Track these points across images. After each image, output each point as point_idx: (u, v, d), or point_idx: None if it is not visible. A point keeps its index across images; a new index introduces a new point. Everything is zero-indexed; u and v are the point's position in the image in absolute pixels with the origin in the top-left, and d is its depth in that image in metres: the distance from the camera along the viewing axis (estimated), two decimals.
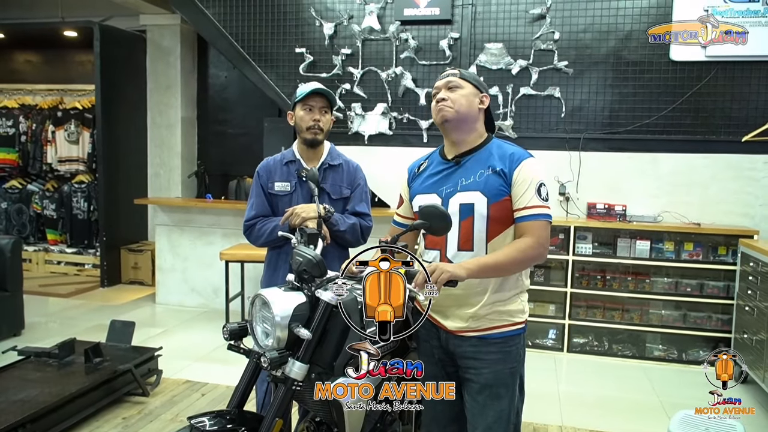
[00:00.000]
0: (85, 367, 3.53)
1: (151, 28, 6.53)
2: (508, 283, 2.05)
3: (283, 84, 5.41)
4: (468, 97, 2.07)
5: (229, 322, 2.11)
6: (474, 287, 2.02)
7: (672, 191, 4.73)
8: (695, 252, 4.56)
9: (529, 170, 2.00)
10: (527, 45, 4.89)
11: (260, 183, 2.70)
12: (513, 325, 2.07)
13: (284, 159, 2.71)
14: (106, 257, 6.53)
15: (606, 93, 4.83)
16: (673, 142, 4.73)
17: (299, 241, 2.30)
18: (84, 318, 5.40)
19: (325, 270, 2.03)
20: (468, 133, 2.09)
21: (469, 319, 2.05)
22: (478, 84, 2.12)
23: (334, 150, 2.79)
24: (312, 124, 2.60)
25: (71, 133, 7.12)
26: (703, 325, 4.56)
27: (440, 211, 1.89)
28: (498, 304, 2.05)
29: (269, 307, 1.94)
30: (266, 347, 1.99)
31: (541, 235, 1.97)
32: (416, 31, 5.08)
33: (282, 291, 2.02)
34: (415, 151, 5.06)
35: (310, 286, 2.02)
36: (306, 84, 2.69)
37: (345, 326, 2.04)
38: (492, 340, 2.05)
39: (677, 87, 4.68)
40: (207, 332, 5.11)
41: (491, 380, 2.06)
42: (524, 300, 2.12)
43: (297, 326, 1.92)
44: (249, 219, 2.70)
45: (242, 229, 2.74)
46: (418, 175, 2.23)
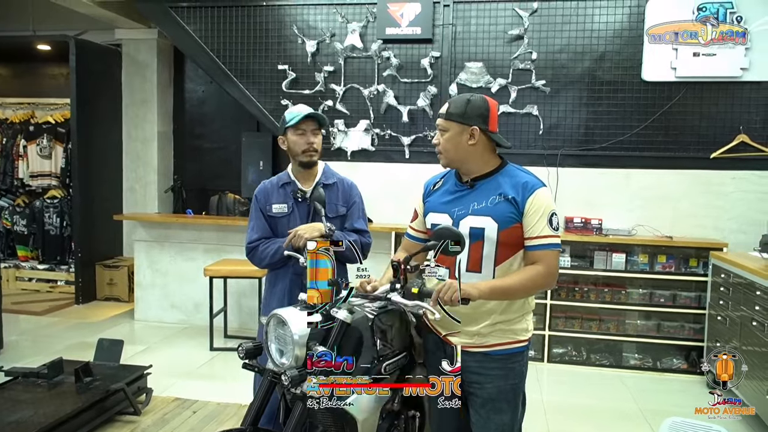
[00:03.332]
0: (76, 387, 3.50)
1: (127, 43, 6.51)
2: (515, 305, 2.13)
3: (266, 100, 5.45)
4: (452, 140, 2.11)
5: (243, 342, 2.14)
6: (481, 306, 2.10)
7: (645, 206, 4.93)
8: (668, 264, 4.76)
9: (542, 200, 2.06)
10: (506, 64, 5.05)
11: (259, 206, 2.77)
12: (516, 342, 2.15)
13: (280, 181, 2.79)
14: (81, 273, 6.42)
15: (581, 111, 5.01)
16: (645, 159, 4.93)
17: (306, 260, 2.36)
18: (62, 336, 5.32)
19: (339, 289, 2.09)
20: (471, 166, 2.14)
21: (475, 335, 2.14)
22: (462, 119, 2.09)
23: (329, 169, 2.86)
24: (306, 147, 2.67)
25: (43, 147, 7.00)
26: (677, 335, 4.75)
27: (455, 232, 1.96)
28: (503, 324, 2.13)
29: (287, 326, 2.00)
30: (281, 365, 2.04)
31: (551, 264, 2.06)
32: (398, 49, 5.19)
33: (298, 310, 2.08)
34: (397, 167, 5.19)
35: (324, 305, 2.08)
36: (294, 108, 2.74)
37: (357, 343, 2.11)
38: (495, 356, 2.13)
39: (649, 106, 4.89)
40: (190, 348, 5.08)
41: (494, 395, 2.13)
42: (529, 319, 2.21)
43: (315, 344, 1.97)
44: (251, 241, 2.75)
45: (245, 252, 2.79)
46: (433, 191, 2.29)
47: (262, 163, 6.21)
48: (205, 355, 4.90)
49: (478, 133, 2.09)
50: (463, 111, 2.09)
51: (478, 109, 2.10)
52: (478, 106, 2.10)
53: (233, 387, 4.20)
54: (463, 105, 2.10)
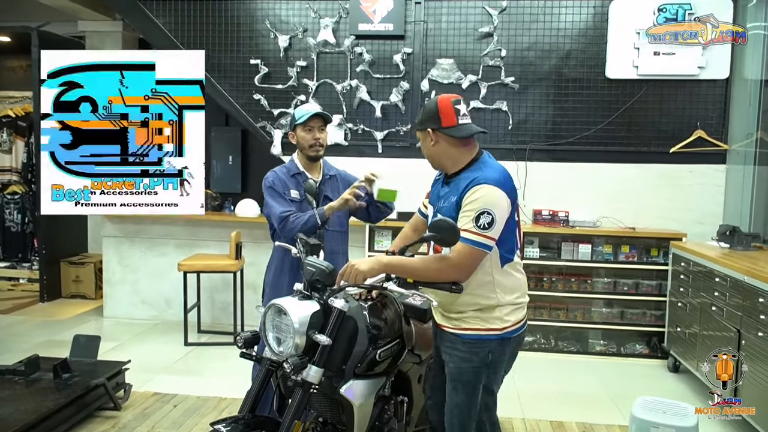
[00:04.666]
0: (55, 384, 3.47)
1: (91, 35, 6.38)
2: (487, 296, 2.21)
3: (238, 95, 5.44)
4: (423, 146, 2.31)
5: (242, 331, 2.19)
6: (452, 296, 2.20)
7: (609, 198, 5.12)
8: (631, 254, 4.97)
9: (477, 195, 2.10)
10: (476, 61, 5.16)
11: (277, 190, 2.95)
12: (485, 330, 2.22)
13: (290, 171, 3.02)
14: (46, 271, 6.31)
15: (549, 107, 5.17)
16: (609, 153, 5.12)
17: (300, 252, 2.42)
18: (30, 334, 5.22)
19: (336, 279, 2.16)
20: (446, 165, 2.28)
21: (452, 318, 2.28)
22: (419, 126, 2.28)
23: (327, 162, 3.14)
24: (313, 142, 2.96)
25: (3, 142, 6.85)
26: (639, 321, 4.97)
27: (450, 225, 2.06)
28: (475, 310, 2.23)
29: (287, 315, 2.06)
30: (280, 353, 2.10)
31: (461, 258, 2.09)
32: (370, 45, 5.26)
33: (297, 300, 2.14)
34: (370, 162, 5.25)
35: (322, 295, 2.15)
36: (303, 106, 3.00)
37: (353, 332, 2.19)
38: (464, 339, 2.24)
39: (612, 103, 5.08)
40: (164, 344, 5.06)
41: (455, 373, 2.27)
42: (506, 310, 2.24)
43: (314, 332, 2.04)
44: (283, 212, 2.86)
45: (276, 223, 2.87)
46: (437, 181, 2.44)
47: (231, 157, 6.18)
48: (180, 351, 4.89)
49: (432, 134, 2.22)
50: (420, 119, 2.28)
51: (428, 112, 2.23)
52: (429, 109, 2.24)
53: (211, 381, 4.23)
54: (420, 113, 2.30)
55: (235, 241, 5.03)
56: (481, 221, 2.06)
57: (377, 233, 5.22)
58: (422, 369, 2.66)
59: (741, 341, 3.45)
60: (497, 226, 2.09)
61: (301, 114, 2.94)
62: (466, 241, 2.07)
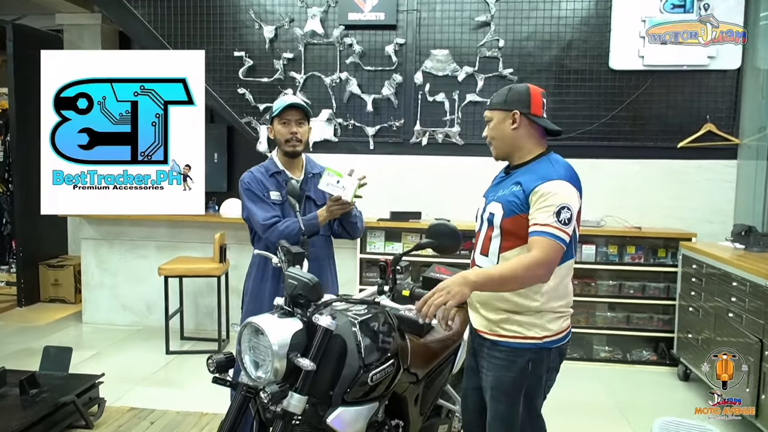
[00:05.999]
0: (22, 400, 3.20)
1: (69, 28, 6.12)
2: (526, 296, 2.05)
3: (221, 89, 5.17)
4: (496, 128, 2.13)
5: (215, 353, 1.92)
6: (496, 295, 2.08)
7: (613, 196, 4.87)
8: (637, 255, 4.72)
9: (549, 190, 1.97)
10: (472, 52, 4.90)
11: (256, 191, 2.70)
12: (524, 338, 2.07)
13: (269, 171, 2.77)
14: (24, 274, 6.02)
15: (549, 100, 4.87)
16: (612, 149, 4.87)
17: (282, 261, 2.15)
18: (4, 342, 4.94)
19: (321, 293, 1.90)
20: (516, 153, 2.14)
21: (488, 321, 2.14)
22: (503, 105, 2.12)
23: (311, 159, 2.90)
24: (290, 137, 2.70)
25: None
26: (646, 326, 4.72)
27: (449, 228, 1.83)
28: (515, 315, 2.07)
29: (264, 336, 1.79)
30: (258, 379, 1.84)
31: (547, 252, 1.93)
32: (361, 35, 4.99)
33: (276, 317, 1.87)
34: (361, 159, 4.99)
35: (305, 311, 1.89)
36: (281, 97, 2.79)
37: (342, 353, 1.93)
38: (502, 347, 2.11)
39: (616, 95, 4.83)
40: (145, 352, 4.78)
41: (494, 383, 2.14)
42: (547, 318, 2.09)
43: (296, 356, 1.78)
44: (265, 220, 2.63)
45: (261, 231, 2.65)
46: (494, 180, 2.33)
47: (216, 155, 5.92)
48: (160, 360, 4.62)
49: (518, 117, 2.09)
50: (504, 98, 2.13)
51: (518, 94, 2.12)
52: (519, 91, 2.13)
53: (193, 393, 3.95)
54: (504, 93, 2.14)
55: (219, 243, 4.76)
56: (563, 216, 1.95)
57: (369, 234, 4.95)
58: (419, 389, 2.40)
59: (764, 351, 3.20)
60: (573, 223, 1.99)
61: (278, 105, 2.71)
62: (550, 236, 1.93)
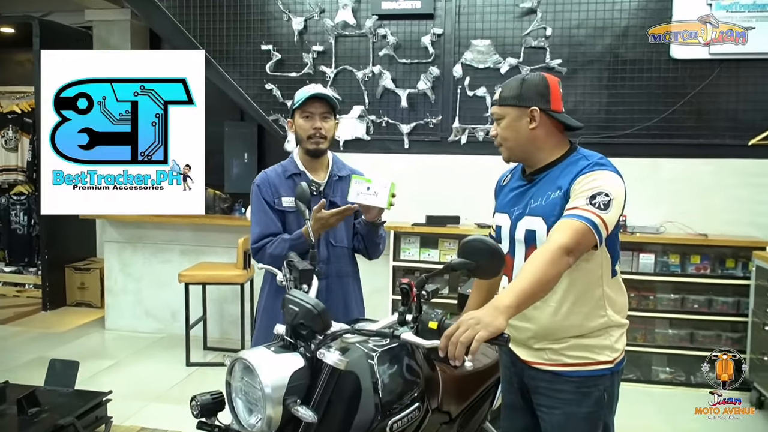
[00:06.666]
0: (19, 420, 2.92)
1: (98, 24, 5.93)
2: (594, 317, 1.77)
3: (248, 85, 4.88)
4: (510, 127, 1.81)
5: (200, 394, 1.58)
6: (549, 315, 1.77)
7: (674, 199, 4.39)
8: (702, 265, 4.23)
9: (591, 178, 1.68)
10: (516, 42, 4.49)
11: (263, 197, 2.34)
12: (595, 364, 1.77)
13: (287, 172, 2.40)
14: (49, 277, 5.86)
15: (602, 94, 4.47)
16: (674, 147, 4.39)
17: (288, 279, 1.80)
18: (23, 349, 4.76)
19: (328, 322, 1.54)
20: (535, 155, 1.82)
21: (545, 351, 1.82)
22: (519, 101, 1.78)
23: (338, 159, 2.51)
24: (312, 132, 2.32)
25: (9, 139, 6.44)
26: (712, 345, 4.21)
27: (489, 246, 1.46)
28: (579, 338, 1.77)
29: (255, 376, 1.45)
30: (251, 427, 1.49)
31: (570, 236, 1.59)
32: (395, 26, 4.63)
33: (272, 352, 1.52)
34: (395, 159, 4.63)
35: (308, 344, 1.53)
36: (304, 87, 2.36)
37: (354, 393, 1.57)
38: (568, 377, 1.79)
39: (678, 87, 4.35)
40: (165, 363, 4.52)
41: (563, 422, 1.81)
42: (615, 335, 1.82)
43: (294, 402, 1.42)
44: (257, 240, 2.29)
45: (252, 253, 2.35)
46: (503, 187, 2.00)
47: (246, 155, 5.69)
48: (180, 372, 4.34)
49: (539, 114, 1.77)
50: (518, 92, 1.79)
51: (535, 87, 1.79)
52: (535, 83, 1.80)
53: None
54: (517, 86, 1.81)
55: (243, 248, 4.46)
56: (597, 200, 1.63)
57: (403, 240, 4.58)
58: (452, 429, 2.01)
59: None
60: (613, 211, 1.64)
61: (300, 96, 2.33)
62: (577, 217, 1.62)
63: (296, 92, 2.37)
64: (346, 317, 2.34)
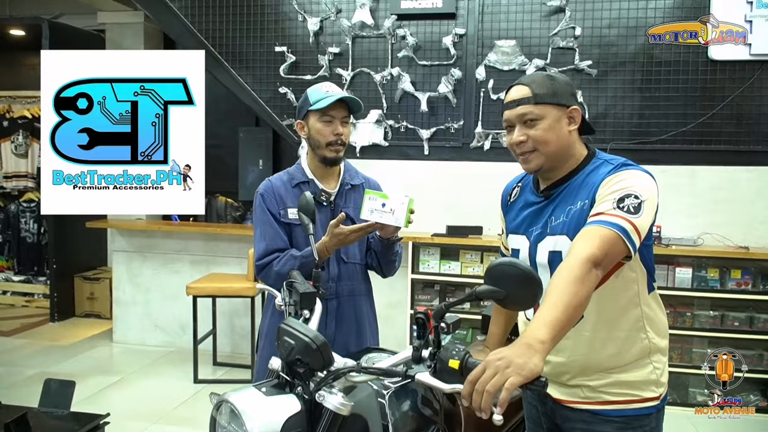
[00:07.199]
0: None
1: (111, 27, 5.79)
2: (632, 344, 1.55)
3: (261, 88, 4.69)
4: (554, 129, 1.55)
5: None
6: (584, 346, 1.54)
7: (712, 209, 4.11)
8: (743, 280, 3.95)
9: (618, 179, 1.47)
10: (544, 42, 4.25)
11: (268, 208, 2.10)
12: (640, 401, 1.55)
13: (294, 180, 2.15)
14: (57, 287, 5.70)
15: (634, 97, 4.21)
16: (712, 153, 4.12)
17: (286, 303, 1.58)
18: (26, 364, 4.58)
19: (330, 358, 1.30)
20: (563, 163, 1.60)
21: (581, 388, 1.58)
22: (554, 98, 1.55)
23: (351, 166, 2.26)
24: (333, 139, 2.08)
25: (19, 145, 6.31)
26: (755, 366, 3.93)
27: (522, 271, 1.22)
28: (618, 372, 1.55)
29: (242, 423, 1.22)
30: None
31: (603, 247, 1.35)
32: (415, 26, 4.41)
33: (262, 394, 1.29)
34: (414, 165, 4.41)
35: (306, 384, 1.30)
36: (321, 86, 2.11)
37: None
38: (610, 416, 1.56)
39: (717, 90, 4.08)
40: (172, 380, 4.33)
41: None
42: (659, 365, 1.58)
43: None
44: (261, 257, 2.06)
45: (255, 271, 2.11)
46: (511, 204, 1.77)
47: (261, 162, 5.52)
48: (187, 390, 4.14)
49: (579, 115, 1.58)
50: (554, 90, 1.56)
51: (567, 85, 1.60)
52: (566, 82, 1.62)
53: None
54: (549, 83, 1.57)
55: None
56: (626, 203, 1.41)
57: (422, 251, 4.34)
58: None
59: None
60: (646, 214, 1.41)
61: (320, 96, 2.07)
62: (603, 223, 1.39)
63: (310, 90, 2.13)
64: (358, 341, 2.13)
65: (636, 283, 1.55)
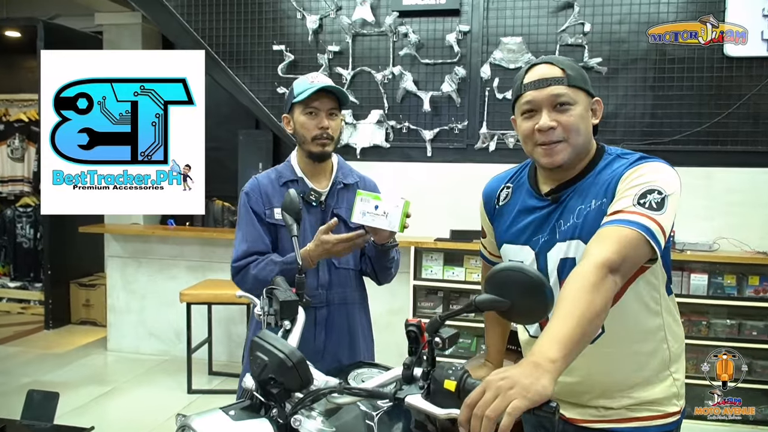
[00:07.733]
0: None
1: (108, 28, 5.67)
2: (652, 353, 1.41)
3: (259, 88, 4.55)
4: (584, 118, 1.40)
5: None
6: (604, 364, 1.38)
7: (729, 213, 3.94)
8: (762, 287, 3.76)
9: (638, 174, 1.31)
10: (551, 39, 4.09)
11: (252, 208, 1.96)
12: (663, 416, 1.41)
13: (281, 178, 2.01)
14: (52, 293, 5.58)
15: (646, 96, 4.04)
16: (728, 154, 3.94)
17: (266, 313, 1.43)
18: (18, 372, 4.45)
19: (308, 377, 1.14)
20: (578, 162, 1.43)
21: (598, 409, 1.44)
22: (588, 86, 1.41)
23: (345, 164, 2.10)
24: (318, 132, 1.95)
25: (15, 149, 6.22)
26: None
27: (530, 278, 1.05)
28: (636, 388, 1.41)
29: None
30: None
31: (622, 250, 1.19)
32: (418, 23, 4.27)
33: (229, 418, 1.12)
34: (416, 168, 4.25)
35: (281, 406, 1.14)
36: (306, 77, 1.97)
37: None
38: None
39: (733, 88, 3.90)
40: (166, 390, 4.18)
41: None
42: (678, 375, 1.45)
43: None
44: (238, 258, 1.91)
45: (232, 273, 1.96)
46: (500, 207, 1.57)
47: (261, 165, 5.36)
48: (181, 400, 3.99)
49: (602, 108, 1.44)
50: (582, 74, 1.41)
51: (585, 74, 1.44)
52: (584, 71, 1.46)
53: None
54: (576, 66, 1.42)
55: None
56: (648, 198, 1.26)
57: (425, 257, 4.18)
58: None
59: None
60: (669, 211, 1.26)
61: (303, 88, 1.94)
62: (622, 222, 1.23)
63: (295, 82, 1.99)
64: (351, 353, 1.98)
65: (657, 290, 1.40)
